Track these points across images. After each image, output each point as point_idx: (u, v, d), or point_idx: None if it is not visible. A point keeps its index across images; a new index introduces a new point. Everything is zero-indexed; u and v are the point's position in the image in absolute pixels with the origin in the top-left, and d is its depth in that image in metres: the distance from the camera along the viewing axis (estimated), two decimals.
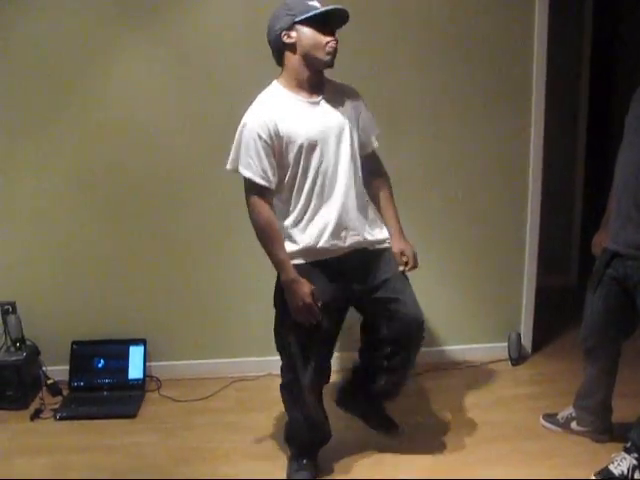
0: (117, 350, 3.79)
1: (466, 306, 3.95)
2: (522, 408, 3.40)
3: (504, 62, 3.67)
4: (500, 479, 2.72)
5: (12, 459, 3.11)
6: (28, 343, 3.75)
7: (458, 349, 4.00)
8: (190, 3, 3.52)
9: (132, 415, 3.48)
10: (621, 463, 2.72)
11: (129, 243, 3.76)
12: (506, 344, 3.97)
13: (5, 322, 3.72)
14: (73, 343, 3.79)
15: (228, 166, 2.62)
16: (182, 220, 3.74)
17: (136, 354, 3.77)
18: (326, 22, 2.48)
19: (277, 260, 2.58)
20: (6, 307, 3.73)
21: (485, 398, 3.54)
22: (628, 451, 2.74)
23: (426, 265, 3.78)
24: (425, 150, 3.73)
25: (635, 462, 2.71)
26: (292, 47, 2.50)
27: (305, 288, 2.54)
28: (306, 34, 2.47)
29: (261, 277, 3.67)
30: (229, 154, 2.60)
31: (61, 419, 3.47)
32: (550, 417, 3.20)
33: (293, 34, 2.48)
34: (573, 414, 3.12)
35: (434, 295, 3.87)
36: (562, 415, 3.16)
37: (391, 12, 3.57)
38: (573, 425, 3.11)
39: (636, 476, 2.70)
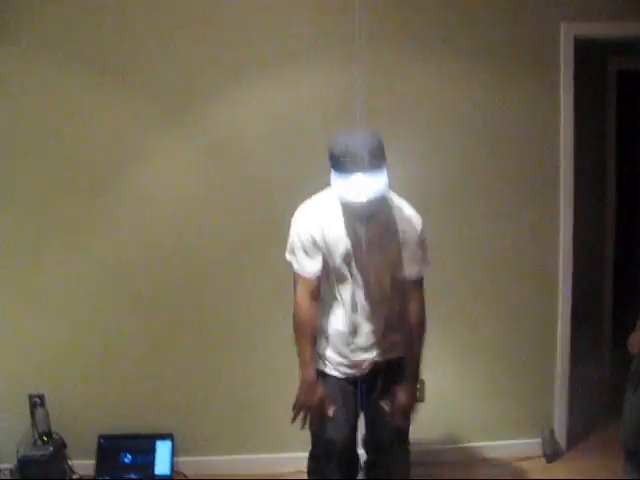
0: (144, 445, 3.74)
1: (497, 401, 3.87)
2: None
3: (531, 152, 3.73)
4: None
5: None
6: (55, 436, 3.71)
7: (489, 445, 3.90)
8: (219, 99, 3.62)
9: None
10: None
11: (159, 336, 3.76)
12: (539, 440, 3.87)
13: (33, 415, 3.70)
14: (100, 437, 3.76)
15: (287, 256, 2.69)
16: (213, 314, 3.75)
17: (163, 449, 3.72)
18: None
19: (301, 358, 2.65)
20: (35, 399, 3.72)
21: None
22: None
23: (456, 358, 3.79)
24: (453, 238, 3.74)
25: None
26: None
27: (316, 395, 2.62)
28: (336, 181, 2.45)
29: (293, 372, 3.67)
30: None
31: None
32: None
33: None
34: None
35: (464, 389, 3.84)
36: None
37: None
38: None
39: None
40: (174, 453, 3.74)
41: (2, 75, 3.55)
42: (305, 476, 2.91)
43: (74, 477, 3.71)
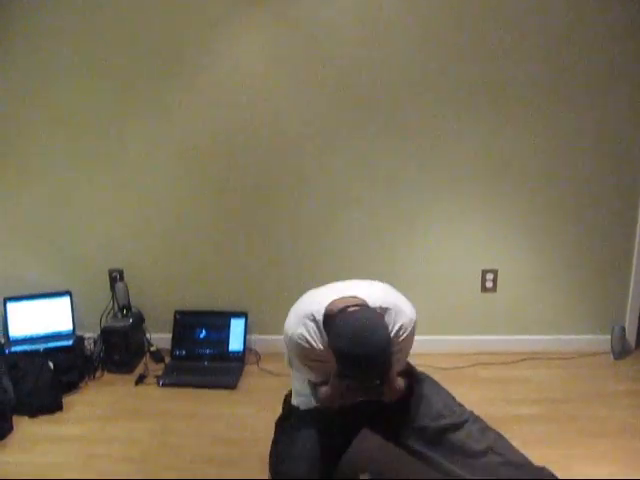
0: (218, 322, 3.88)
1: (571, 296, 3.85)
2: (625, 405, 3.30)
3: None
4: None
5: (118, 421, 3.25)
6: (134, 310, 3.89)
7: (559, 339, 3.91)
8: None
9: (232, 386, 3.56)
10: None
11: (234, 218, 3.83)
12: (609, 337, 3.86)
13: (113, 288, 3.86)
14: (176, 313, 3.90)
15: None
16: (287, 199, 3.77)
17: (237, 326, 3.85)
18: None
19: None
20: (114, 274, 3.88)
21: (586, 391, 3.45)
22: None
23: (532, 252, 3.76)
24: (541, 144, 3.64)
25: None
26: None
27: None
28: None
29: (362, 256, 3.71)
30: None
31: (164, 386, 3.59)
32: None
33: None
34: None
35: (538, 282, 3.82)
36: None
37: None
38: None
39: None
40: (247, 330, 3.87)
41: None
42: None
43: (152, 349, 3.90)
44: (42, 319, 3.86)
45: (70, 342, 3.75)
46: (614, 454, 2.85)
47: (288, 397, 2.79)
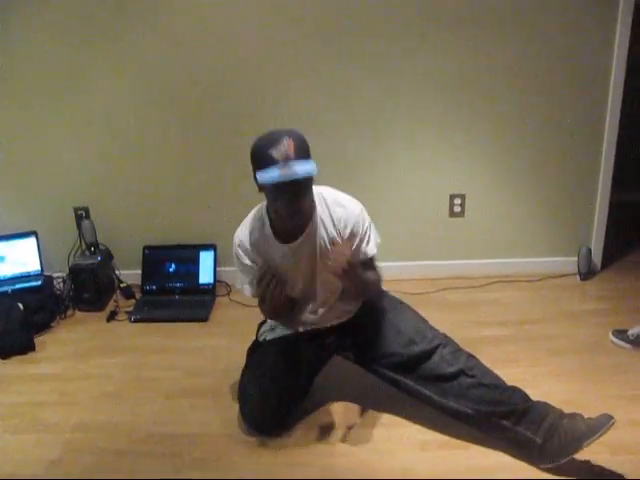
0: (188, 255, 3.87)
1: (538, 219, 3.88)
2: (591, 323, 3.38)
3: None
4: None
5: (91, 358, 3.26)
6: (101, 248, 3.86)
7: (527, 262, 3.96)
8: None
9: (204, 319, 3.59)
10: None
11: (200, 150, 3.78)
12: (576, 259, 3.92)
13: (80, 226, 3.82)
14: (145, 248, 3.89)
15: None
16: (257, 130, 3.70)
17: (206, 259, 3.85)
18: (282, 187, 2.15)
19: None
20: (80, 212, 3.84)
21: (553, 311, 3.52)
22: None
23: (499, 174, 3.77)
24: (506, 63, 3.60)
25: None
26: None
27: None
28: (266, 192, 2.27)
29: (327, 177, 3.68)
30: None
31: (135, 321, 3.60)
32: (620, 333, 3.17)
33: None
34: None
35: (507, 207, 3.84)
36: (632, 332, 3.12)
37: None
38: None
39: None
40: (217, 263, 3.87)
41: None
42: None
43: (122, 285, 3.88)
44: (9, 261, 3.81)
45: (39, 282, 3.73)
46: (580, 371, 2.92)
47: (261, 326, 2.82)
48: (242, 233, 2.51)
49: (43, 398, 2.92)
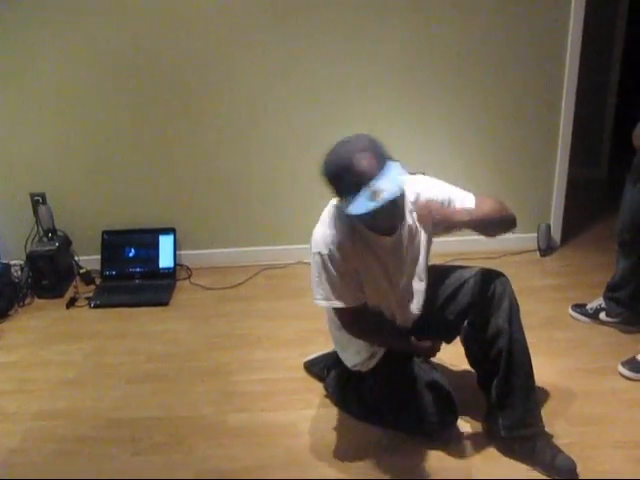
0: (147, 239, 3.84)
1: (497, 195, 3.88)
2: (550, 298, 3.42)
3: None
4: None
5: (51, 345, 3.22)
6: (59, 234, 3.80)
7: (486, 239, 3.97)
8: None
9: (164, 303, 3.56)
10: None
11: (159, 133, 3.73)
12: (535, 235, 3.96)
13: (36, 213, 3.76)
14: (104, 233, 3.84)
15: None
16: (212, 110, 3.69)
17: (166, 243, 3.82)
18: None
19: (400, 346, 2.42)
20: (36, 198, 3.78)
21: (513, 287, 3.54)
22: None
23: (457, 154, 3.77)
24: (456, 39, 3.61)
25: None
26: None
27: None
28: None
29: (291, 166, 3.67)
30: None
31: (95, 307, 3.56)
32: (579, 308, 3.22)
33: None
34: (602, 305, 3.13)
35: (464, 184, 3.82)
36: (591, 306, 3.17)
37: None
38: (602, 316, 3.12)
39: None
40: (177, 246, 3.84)
41: None
42: (304, 267, 2.96)
43: (81, 271, 3.83)
44: None
45: None
46: (540, 345, 2.94)
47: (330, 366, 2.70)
48: (331, 240, 2.17)
49: (2, 387, 2.89)
